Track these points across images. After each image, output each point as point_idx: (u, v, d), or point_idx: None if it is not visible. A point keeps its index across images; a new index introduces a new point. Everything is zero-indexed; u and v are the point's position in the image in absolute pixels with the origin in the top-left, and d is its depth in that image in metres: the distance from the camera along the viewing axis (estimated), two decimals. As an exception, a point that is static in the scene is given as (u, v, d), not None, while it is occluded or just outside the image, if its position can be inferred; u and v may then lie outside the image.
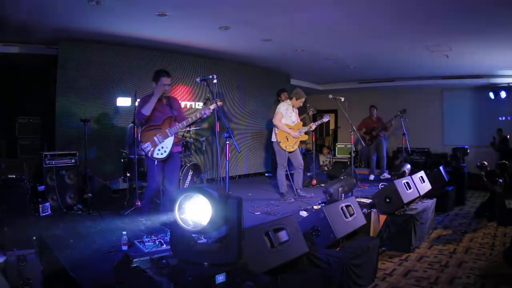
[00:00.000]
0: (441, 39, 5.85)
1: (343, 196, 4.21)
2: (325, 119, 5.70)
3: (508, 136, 6.79)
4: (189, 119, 3.78)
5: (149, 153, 3.66)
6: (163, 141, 3.74)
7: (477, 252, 4.22)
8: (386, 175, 7.49)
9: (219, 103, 3.76)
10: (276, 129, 5.38)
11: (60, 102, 5.67)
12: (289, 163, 5.52)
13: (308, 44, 6.44)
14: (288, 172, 5.52)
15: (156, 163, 3.69)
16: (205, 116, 3.73)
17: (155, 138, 3.70)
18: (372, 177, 7.52)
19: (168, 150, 3.71)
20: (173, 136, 3.74)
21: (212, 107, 3.66)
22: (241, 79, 8.30)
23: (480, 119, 10.05)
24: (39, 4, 4.27)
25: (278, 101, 6.69)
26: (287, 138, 5.34)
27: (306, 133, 5.54)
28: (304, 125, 5.62)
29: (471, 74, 8.73)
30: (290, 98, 5.58)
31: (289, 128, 5.38)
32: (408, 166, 5.79)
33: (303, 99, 5.52)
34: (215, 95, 3.62)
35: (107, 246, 3.16)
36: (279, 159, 5.40)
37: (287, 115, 5.44)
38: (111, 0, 4.19)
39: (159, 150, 3.68)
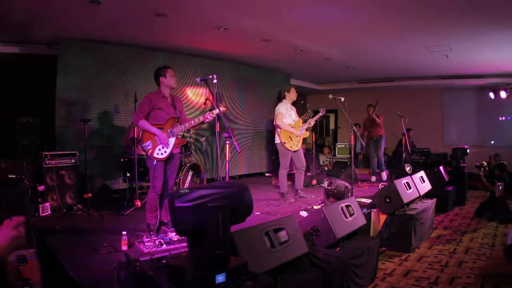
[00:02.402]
0: (441, 39, 5.84)
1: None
2: (321, 113, 5.72)
3: (505, 162, 6.02)
4: (192, 122, 3.75)
5: (149, 152, 3.64)
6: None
7: (477, 252, 4.22)
8: (384, 174, 7.45)
9: (223, 109, 3.74)
10: (278, 130, 5.37)
11: (60, 102, 5.67)
12: (291, 163, 5.51)
13: (308, 44, 6.43)
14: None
15: (155, 162, 3.64)
16: (206, 120, 3.72)
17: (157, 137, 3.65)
18: (374, 178, 7.44)
19: (168, 151, 3.68)
20: (175, 137, 3.73)
21: (215, 112, 3.64)
22: (240, 79, 8.29)
23: (480, 119, 10.05)
24: (39, 4, 4.26)
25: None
26: (290, 138, 5.33)
27: (306, 130, 5.55)
28: (304, 122, 5.62)
29: (471, 74, 8.73)
30: (284, 97, 5.55)
31: (292, 127, 5.38)
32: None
33: (293, 87, 5.60)
34: (215, 98, 3.60)
35: (107, 246, 3.16)
36: (282, 160, 5.39)
37: (287, 114, 5.43)
38: (111, 0, 4.19)
39: (159, 150, 3.64)
